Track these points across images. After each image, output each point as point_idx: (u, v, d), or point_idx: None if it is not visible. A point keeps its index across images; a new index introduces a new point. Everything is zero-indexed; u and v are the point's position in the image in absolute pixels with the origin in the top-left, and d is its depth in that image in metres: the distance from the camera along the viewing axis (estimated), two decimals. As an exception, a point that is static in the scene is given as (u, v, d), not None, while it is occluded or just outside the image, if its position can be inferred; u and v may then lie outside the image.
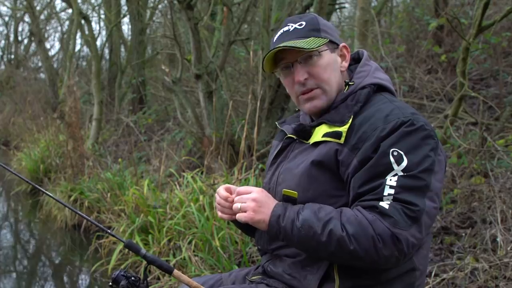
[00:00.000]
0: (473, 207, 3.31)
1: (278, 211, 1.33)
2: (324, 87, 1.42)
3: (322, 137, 1.38)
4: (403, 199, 1.24)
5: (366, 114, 1.35)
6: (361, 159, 1.30)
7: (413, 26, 6.35)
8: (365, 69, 1.47)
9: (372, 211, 1.26)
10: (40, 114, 10.38)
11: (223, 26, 5.57)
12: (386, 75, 1.51)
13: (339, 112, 1.39)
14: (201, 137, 5.50)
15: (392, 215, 1.23)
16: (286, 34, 1.44)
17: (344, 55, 1.47)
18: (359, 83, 1.43)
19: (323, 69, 1.42)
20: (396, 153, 1.27)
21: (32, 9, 13.24)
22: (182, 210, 3.97)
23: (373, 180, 1.28)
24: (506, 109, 4.12)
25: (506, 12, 3.47)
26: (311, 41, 1.39)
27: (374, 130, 1.30)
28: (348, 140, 1.33)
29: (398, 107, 1.34)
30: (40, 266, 5.13)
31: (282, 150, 1.52)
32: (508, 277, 2.61)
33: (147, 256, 1.41)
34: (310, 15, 1.47)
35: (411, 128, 1.28)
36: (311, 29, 1.42)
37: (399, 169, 1.26)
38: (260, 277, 1.51)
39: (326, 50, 1.42)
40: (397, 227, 1.23)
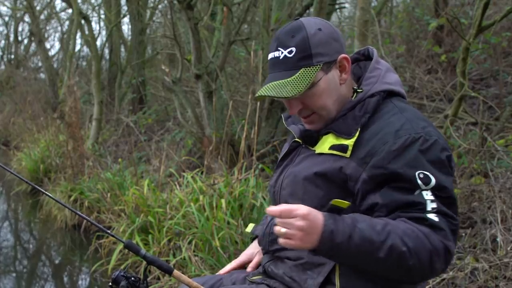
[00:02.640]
0: (473, 207, 3.31)
1: (331, 226, 1.20)
2: (320, 113, 1.38)
3: (329, 149, 1.34)
4: (446, 212, 1.22)
5: (375, 128, 1.30)
6: (372, 174, 1.26)
7: (413, 26, 6.35)
8: (375, 74, 1.41)
9: (421, 224, 1.20)
10: (40, 114, 10.38)
11: (223, 26, 5.57)
12: (396, 75, 1.46)
13: (346, 123, 1.35)
14: (201, 137, 5.50)
15: (444, 228, 1.21)
16: (276, 62, 1.36)
17: (344, 66, 1.38)
18: (368, 91, 1.37)
19: (317, 98, 1.36)
20: (422, 175, 1.22)
21: (32, 9, 13.23)
22: (182, 210, 3.97)
23: (408, 196, 1.23)
24: (506, 109, 4.13)
25: (506, 12, 3.47)
26: (301, 78, 1.31)
27: (384, 145, 1.26)
28: (355, 154, 1.29)
29: (409, 119, 1.29)
30: (40, 266, 5.13)
31: (289, 153, 1.49)
32: (508, 277, 2.61)
33: (146, 257, 1.41)
34: (301, 33, 1.34)
35: (426, 145, 1.25)
36: (302, 57, 1.33)
37: (429, 188, 1.22)
38: (260, 277, 1.50)
39: (321, 77, 1.34)
40: (447, 239, 1.21)
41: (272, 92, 1.33)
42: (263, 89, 1.36)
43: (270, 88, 1.34)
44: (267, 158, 4.80)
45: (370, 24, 4.08)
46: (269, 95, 1.33)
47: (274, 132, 5.24)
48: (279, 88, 1.32)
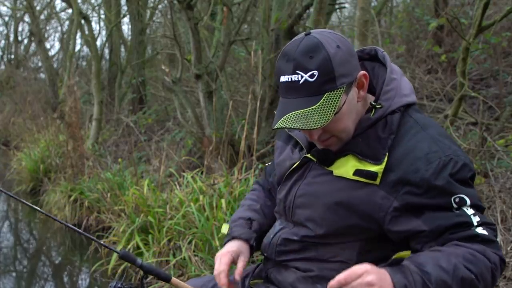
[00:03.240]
0: (473, 207, 3.31)
1: (402, 281, 1.13)
2: (340, 135, 1.29)
3: (354, 174, 1.26)
4: (486, 221, 1.22)
5: (402, 151, 1.24)
6: (406, 203, 1.22)
7: (413, 26, 6.35)
8: (393, 86, 1.31)
9: (474, 241, 1.19)
10: (40, 114, 10.38)
11: (223, 26, 5.57)
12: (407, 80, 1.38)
13: (369, 144, 1.26)
14: (201, 137, 5.50)
15: (493, 239, 1.21)
16: (296, 87, 1.21)
17: (362, 83, 1.28)
18: (388, 107, 1.28)
19: (338, 122, 1.26)
20: (458, 199, 1.21)
21: (32, 9, 13.23)
22: (182, 210, 3.97)
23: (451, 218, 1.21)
24: (506, 109, 4.12)
25: (506, 12, 3.47)
26: (326, 105, 1.20)
27: (416, 173, 1.20)
28: (385, 181, 1.23)
29: (434, 139, 1.24)
30: (40, 266, 5.13)
31: (299, 167, 1.40)
32: (508, 277, 2.61)
33: (143, 266, 1.40)
34: (321, 53, 1.20)
35: (456, 168, 1.21)
36: (326, 81, 1.20)
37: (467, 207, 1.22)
38: (262, 282, 1.48)
39: (345, 100, 1.24)
40: (499, 249, 1.22)
41: (297, 124, 1.20)
42: (286, 120, 1.22)
43: (294, 119, 1.21)
44: (267, 158, 4.80)
45: (370, 24, 4.08)
46: (294, 127, 1.21)
47: (274, 132, 5.24)
48: (304, 118, 1.20)
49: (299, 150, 1.43)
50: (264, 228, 1.52)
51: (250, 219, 1.52)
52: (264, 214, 1.56)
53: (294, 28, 5.18)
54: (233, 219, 1.55)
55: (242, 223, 1.52)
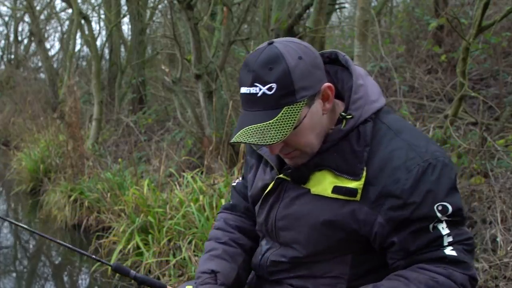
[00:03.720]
0: (473, 207, 3.31)
1: None
2: (303, 149, 1.24)
3: (333, 192, 1.23)
4: (460, 239, 1.20)
5: (378, 162, 1.20)
6: (389, 217, 1.19)
7: (413, 26, 6.35)
8: (361, 94, 1.25)
9: (441, 263, 1.19)
10: (40, 114, 10.38)
11: (223, 26, 5.57)
12: (372, 79, 1.32)
13: (345, 159, 1.22)
14: (201, 137, 5.50)
15: (463, 259, 1.19)
16: (254, 100, 1.16)
17: (327, 95, 1.22)
18: (359, 117, 1.22)
19: (300, 136, 1.21)
20: (441, 207, 1.18)
21: (32, 9, 13.23)
22: (182, 210, 3.97)
23: (425, 236, 1.19)
24: (506, 109, 4.13)
25: (506, 12, 3.47)
26: (284, 120, 1.15)
27: (396, 184, 1.17)
28: (366, 196, 1.20)
29: (410, 144, 1.21)
30: (40, 266, 5.13)
31: (273, 190, 1.34)
32: (508, 277, 2.61)
33: (137, 277, 1.40)
34: (281, 65, 1.14)
35: (436, 173, 1.18)
36: (284, 94, 1.15)
37: (445, 216, 1.19)
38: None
39: (306, 114, 1.19)
40: (469, 268, 1.20)
41: (253, 139, 1.15)
42: (242, 134, 1.17)
43: (250, 133, 1.16)
44: (267, 158, 4.79)
45: (370, 24, 4.08)
46: (250, 142, 1.16)
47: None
48: (260, 133, 1.15)
49: (270, 169, 1.37)
50: (233, 274, 1.43)
51: (213, 272, 1.41)
52: (229, 257, 1.45)
53: (294, 28, 5.18)
54: (196, 275, 1.44)
55: (205, 279, 1.41)
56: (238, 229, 1.51)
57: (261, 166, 1.41)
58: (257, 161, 1.44)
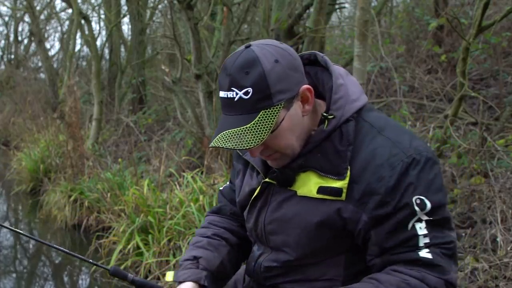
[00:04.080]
0: (473, 207, 3.32)
1: None
2: (284, 152, 1.24)
3: (318, 193, 1.22)
4: (439, 242, 1.18)
5: (363, 160, 1.19)
6: (374, 215, 1.18)
7: (413, 26, 6.35)
8: (342, 94, 1.25)
9: (414, 265, 1.17)
10: (40, 114, 10.38)
11: (223, 26, 5.57)
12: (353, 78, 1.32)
13: (329, 159, 1.22)
14: (201, 137, 5.50)
15: (439, 263, 1.17)
16: (231, 105, 1.17)
17: (306, 97, 1.21)
18: (340, 116, 1.22)
19: (279, 138, 1.21)
20: (419, 201, 1.16)
21: (32, 9, 13.23)
22: (182, 210, 3.97)
23: (401, 234, 1.18)
24: (506, 109, 4.13)
25: (506, 12, 3.47)
26: (261, 123, 1.15)
27: (380, 181, 1.17)
28: (351, 195, 1.20)
29: (393, 140, 1.20)
30: (40, 266, 5.13)
31: (260, 194, 1.34)
32: (508, 277, 2.61)
33: (135, 281, 1.40)
34: (257, 69, 1.15)
35: (419, 167, 1.18)
36: (261, 98, 1.15)
37: (423, 213, 1.17)
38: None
39: (284, 117, 1.19)
40: (446, 273, 1.17)
41: (230, 143, 1.15)
42: (219, 139, 1.17)
43: (227, 138, 1.16)
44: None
45: (370, 24, 4.08)
46: (226, 147, 1.16)
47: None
48: (237, 138, 1.15)
49: (256, 174, 1.37)
50: (216, 262, 1.42)
51: (195, 257, 1.41)
52: (213, 247, 1.44)
53: (294, 28, 5.18)
54: (179, 264, 1.44)
55: (187, 265, 1.40)
56: (224, 228, 1.51)
57: (248, 171, 1.41)
58: (243, 166, 1.43)
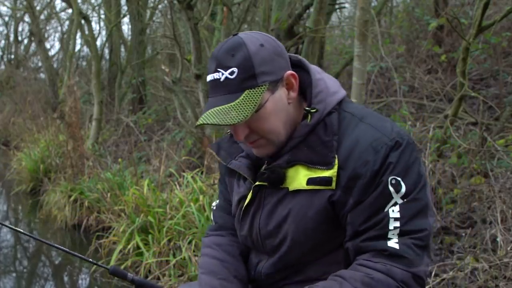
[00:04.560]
0: (473, 207, 3.32)
1: None
2: (268, 137, 1.25)
3: (308, 184, 1.23)
4: (410, 229, 1.17)
5: (347, 147, 1.21)
6: (358, 198, 1.19)
7: (413, 26, 6.36)
8: (321, 88, 1.27)
9: (381, 257, 1.17)
10: (40, 114, 10.38)
11: (223, 26, 5.57)
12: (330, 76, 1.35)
13: (315, 151, 1.23)
14: (201, 137, 5.50)
15: (406, 255, 1.16)
16: (217, 85, 1.21)
17: (291, 84, 1.24)
18: (323, 109, 1.25)
19: (264, 121, 1.22)
20: (394, 181, 1.17)
21: (32, 9, 13.23)
22: (182, 210, 3.97)
23: (374, 215, 1.18)
24: (506, 109, 4.13)
25: (506, 12, 3.47)
26: (246, 102, 1.18)
27: (366, 166, 1.18)
28: (339, 182, 1.20)
29: (375, 126, 1.22)
30: (40, 266, 5.13)
31: (253, 199, 1.34)
32: (508, 277, 2.61)
33: (135, 280, 1.40)
34: (242, 51, 1.19)
35: (400, 149, 1.19)
36: (245, 78, 1.18)
37: (399, 197, 1.17)
38: None
39: (268, 98, 1.21)
40: (413, 265, 1.16)
41: (215, 119, 1.17)
42: (205, 116, 1.19)
43: (213, 114, 1.18)
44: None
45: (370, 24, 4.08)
46: (211, 123, 1.18)
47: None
48: (222, 114, 1.17)
49: (243, 181, 1.37)
50: None
51: None
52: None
53: (294, 28, 5.18)
54: None
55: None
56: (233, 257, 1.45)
57: (234, 182, 1.41)
58: (231, 178, 1.43)
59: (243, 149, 1.38)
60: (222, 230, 1.51)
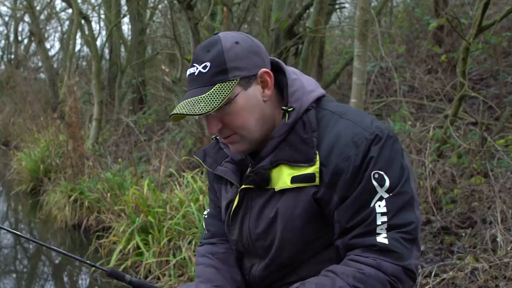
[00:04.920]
0: (473, 207, 3.32)
1: None
2: (241, 133, 1.27)
3: (292, 182, 1.24)
4: (398, 223, 1.18)
5: (328, 143, 1.22)
6: (342, 194, 1.20)
7: (413, 26, 6.36)
8: (297, 87, 1.29)
9: (371, 252, 1.18)
10: (40, 114, 10.38)
11: (223, 26, 5.57)
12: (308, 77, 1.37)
13: (296, 149, 1.24)
14: (201, 137, 5.50)
15: (395, 249, 1.17)
16: (192, 79, 1.26)
17: (266, 81, 1.26)
18: (299, 107, 1.27)
19: (236, 116, 1.25)
20: (377, 175, 1.18)
21: (32, 9, 13.23)
22: (182, 210, 3.97)
23: (360, 211, 1.19)
24: (506, 109, 4.13)
25: (506, 12, 3.48)
26: (215, 94, 1.21)
27: (347, 161, 1.19)
28: (323, 178, 1.21)
29: (354, 121, 1.23)
30: (40, 266, 5.13)
31: (240, 203, 1.35)
32: (508, 277, 2.61)
33: (133, 282, 1.40)
34: (217, 47, 1.24)
35: (380, 143, 1.20)
36: (217, 72, 1.22)
37: (383, 191, 1.18)
38: None
39: (239, 93, 1.23)
40: (403, 259, 1.17)
41: (184, 110, 1.22)
42: (177, 108, 1.24)
43: (183, 105, 1.23)
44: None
45: (370, 24, 4.08)
46: (181, 113, 1.22)
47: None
48: (192, 105, 1.21)
49: (230, 186, 1.39)
50: None
51: None
52: None
53: (294, 28, 5.18)
54: None
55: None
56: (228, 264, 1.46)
57: (222, 187, 1.43)
58: (219, 184, 1.45)
59: (228, 155, 1.39)
60: (215, 237, 1.51)
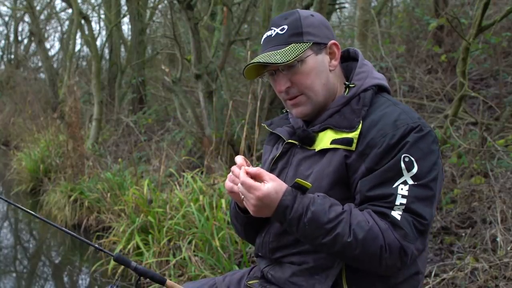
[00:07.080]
0: (473, 207, 3.32)
1: (287, 202, 1.24)
2: (308, 93, 1.37)
3: (331, 144, 1.32)
4: (415, 210, 1.22)
5: (373, 118, 1.30)
6: (370, 166, 1.26)
7: (413, 26, 6.36)
8: (364, 69, 1.42)
9: (383, 218, 1.23)
10: (40, 114, 10.37)
11: (223, 26, 5.57)
12: (380, 73, 1.47)
13: (345, 117, 1.34)
14: (201, 137, 5.50)
15: (404, 228, 1.21)
16: (268, 40, 1.39)
17: (334, 53, 1.39)
18: (360, 85, 1.38)
19: (305, 76, 1.36)
20: (407, 159, 1.23)
21: (32, 9, 13.23)
22: (182, 210, 3.97)
23: (383, 186, 1.24)
24: (506, 109, 4.12)
25: (506, 12, 3.47)
26: (290, 51, 1.33)
27: (384, 137, 1.26)
28: (358, 146, 1.28)
29: (404, 111, 1.31)
30: (40, 266, 5.13)
31: (282, 156, 1.44)
32: (508, 277, 2.62)
33: (138, 269, 1.42)
34: (294, 15, 1.38)
35: (421, 133, 1.26)
36: (293, 34, 1.35)
37: (409, 176, 1.23)
38: (258, 282, 1.46)
39: (310, 55, 1.35)
40: (406, 240, 1.22)
41: (261, 59, 1.33)
42: (253, 60, 1.35)
43: (259, 58, 1.35)
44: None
45: (370, 24, 4.09)
46: (255, 62, 1.34)
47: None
48: (268, 57, 1.33)
49: (281, 144, 1.48)
50: None
51: None
52: None
53: (294, 28, 5.17)
54: None
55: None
56: None
57: (274, 148, 1.52)
58: (270, 146, 1.54)
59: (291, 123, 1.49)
60: None
